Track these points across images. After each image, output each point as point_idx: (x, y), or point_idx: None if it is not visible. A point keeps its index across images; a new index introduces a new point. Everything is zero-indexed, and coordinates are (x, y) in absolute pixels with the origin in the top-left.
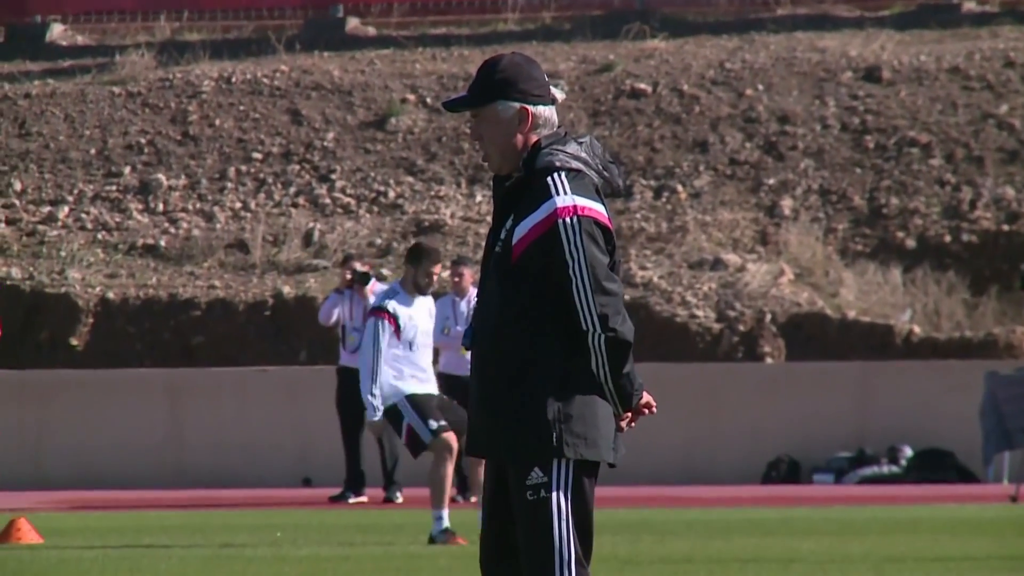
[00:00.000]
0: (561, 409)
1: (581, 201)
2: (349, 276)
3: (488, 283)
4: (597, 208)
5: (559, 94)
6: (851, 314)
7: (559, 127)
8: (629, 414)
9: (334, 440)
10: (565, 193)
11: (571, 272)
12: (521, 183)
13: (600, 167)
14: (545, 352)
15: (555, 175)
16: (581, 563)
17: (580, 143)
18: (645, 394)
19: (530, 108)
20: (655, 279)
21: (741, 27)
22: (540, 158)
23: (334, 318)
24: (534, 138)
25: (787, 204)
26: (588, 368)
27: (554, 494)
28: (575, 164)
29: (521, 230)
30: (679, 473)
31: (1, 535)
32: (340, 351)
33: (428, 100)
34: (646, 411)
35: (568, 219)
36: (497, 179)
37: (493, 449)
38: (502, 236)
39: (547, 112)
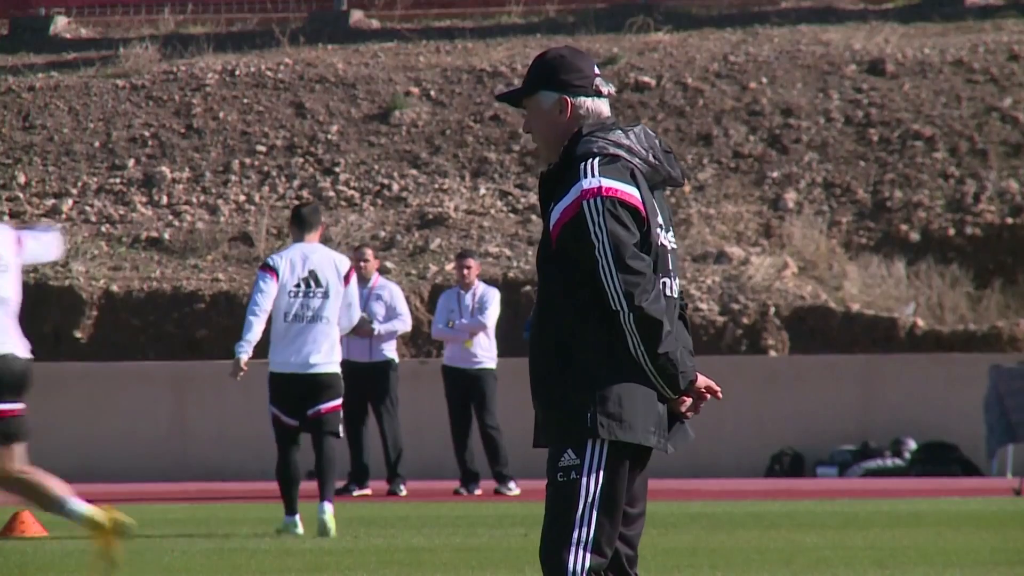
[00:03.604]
0: (598, 391)
1: (607, 182)
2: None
3: (538, 275)
4: (623, 188)
5: (608, 88)
6: (855, 307)
7: (609, 118)
8: (687, 399)
9: None
10: (593, 176)
11: (597, 252)
12: (558, 171)
13: (649, 156)
14: (585, 336)
15: (588, 160)
16: (599, 548)
17: (628, 131)
18: (702, 377)
19: (570, 99)
20: None
21: (745, 20)
22: (579, 146)
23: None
24: (576, 128)
25: (791, 197)
26: (628, 351)
27: (584, 477)
28: (613, 150)
29: (555, 215)
30: (682, 466)
31: (5, 528)
32: (344, 344)
33: (432, 93)
34: (708, 395)
35: (592, 200)
36: (544, 174)
37: (544, 437)
38: (544, 225)
39: (590, 103)
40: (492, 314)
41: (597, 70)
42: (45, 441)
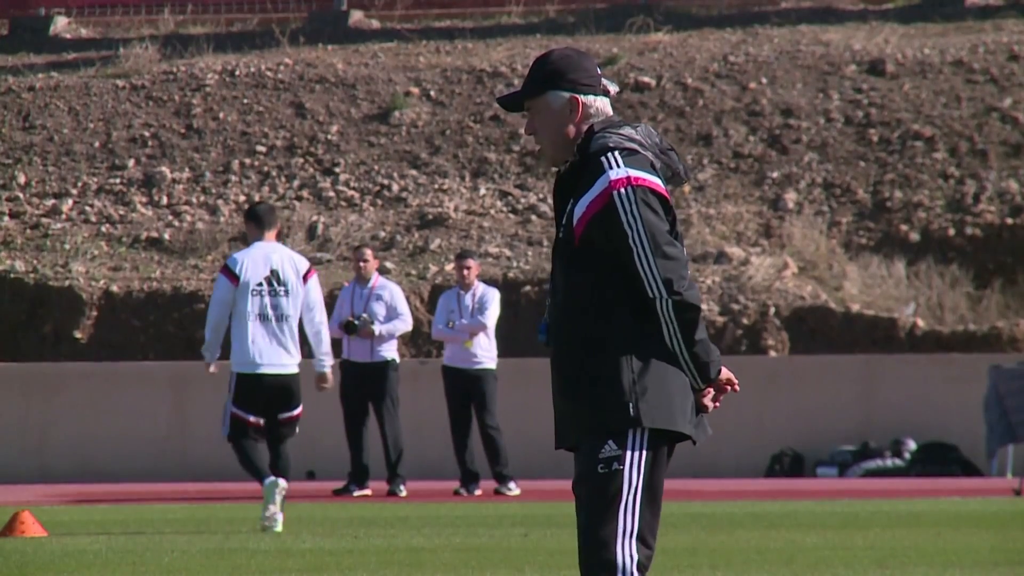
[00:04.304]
0: (636, 380)
1: (635, 172)
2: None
3: (555, 273)
4: (651, 178)
5: (612, 87)
6: (855, 307)
7: (615, 116)
8: (711, 390)
9: (338, 434)
10: (618, 167)
11: (631, 241)
12: (576, 168)
13: (657, 152)
14: (617, 327)
15: (609, 154)
16: (643, 538)
17: (635, 128)
18: (725, 370)
19: (580, 98)
20: None
21: (745, 20)
22: (594, 141)
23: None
24: (585, 127)
25: (791, 197)
26: (661, 340)
27: (627, 467)
28: (629, 144)
29: (579, 209)
30: (682, 466)
31: (5, 528)
32: (344, 345)
33: (432, 93)
34: (728, 388)
35: (623, 190)
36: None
37: (572, 433)
38: (563, 222)
39: (598, 103)
40: (492, 314)
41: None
42: (45, 441)
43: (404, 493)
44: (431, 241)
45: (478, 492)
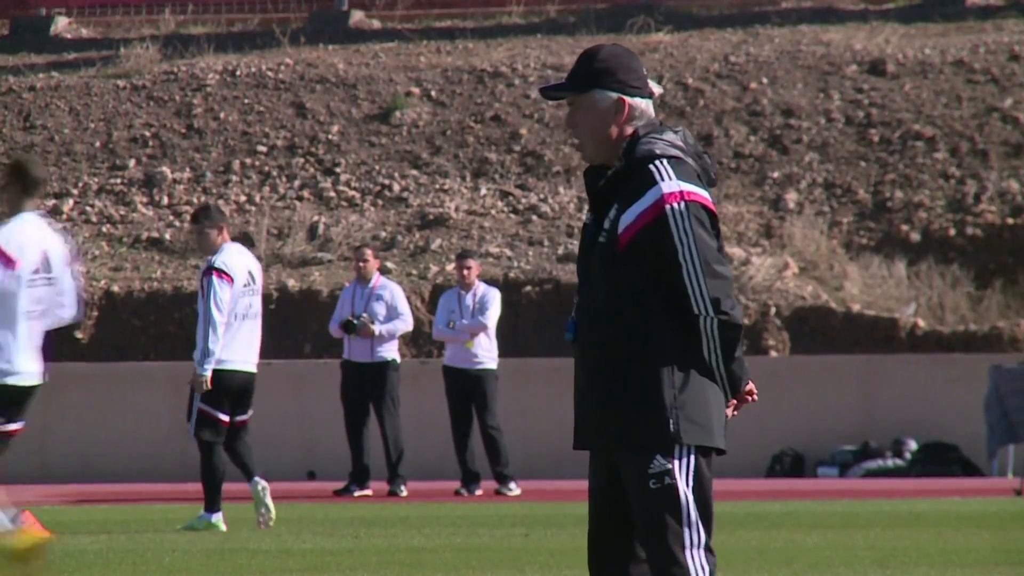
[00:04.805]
0: (677, 395)
1: (686, 186)
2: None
3: (591, 275)
4: (702, 193)
5: (656, 88)
6: (855, 307)
7: (656, 120)
8: (735, 400)
9: (338, 434)
10: (670, 179)
11: (681, 257)
12: (622, 173)
13: (695, 156)
14: (658, 339)
15: (657, 162)
16: (709, 548)
17: (676, 133)
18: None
19: (627, 99)
20: None
21: (745, 20)
22: (639, 147)
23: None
24: (629, 129)
25: (791, 197)
26: (700, 353)
27: (679, 480)
28: (674, 152)
29: (628, 218)
30: None
31: None
32: (345, 344)
33: (432, 93)
34: (749, 398)
35: (676, 204)
36: (589, 172)
37: (605, 440)
38: (606, 226)
39: (643, 104)
40: (493, 314)
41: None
42: (46, 442)
43: (405, 493)
44: (432, 241)
45: (479, 492)
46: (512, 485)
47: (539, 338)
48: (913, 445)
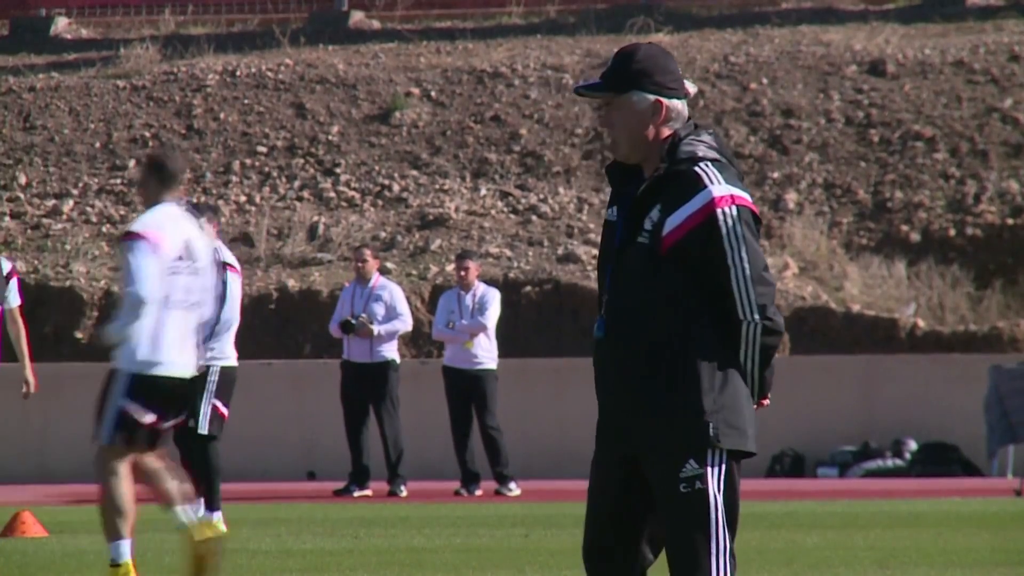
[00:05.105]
0: (716, 399)
1: (735, 190)
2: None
3: (626, 274)
4: (748, 197)
5: (692, 88)
6: (855, 308)
7: (689, 120)
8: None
9: (338, 434)
10: (719, 183)
11: (730, 261)
12: (665, 175)
13: (729, 159)
14: (699, 341)
15: (702, 165)
16: (733, 554)
17: (711, 134)
18: None
19: (665, 101)
20: None
21: (745, 21)
22: (681, 149)
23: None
24: (667, 131)
25: (791, 198)
26: (736, 357)
27: (710, 486)
28: (714, 155)
29: (675, 220)
30: None
31: (6, 528)
32: (344, 345)
33: (432, 94)
34: (763, 402)
35: (727, 208)
36: (614, 169)
37: (637, 441)
38: (647, 227)
39: (680, 106)
40: (492, 315)
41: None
42: (46, 442)
43: (404, 493)
44: (432, 241)
45: (479, 492)
46: (512, 485)
47: (539, 338)
48: (913, 445)
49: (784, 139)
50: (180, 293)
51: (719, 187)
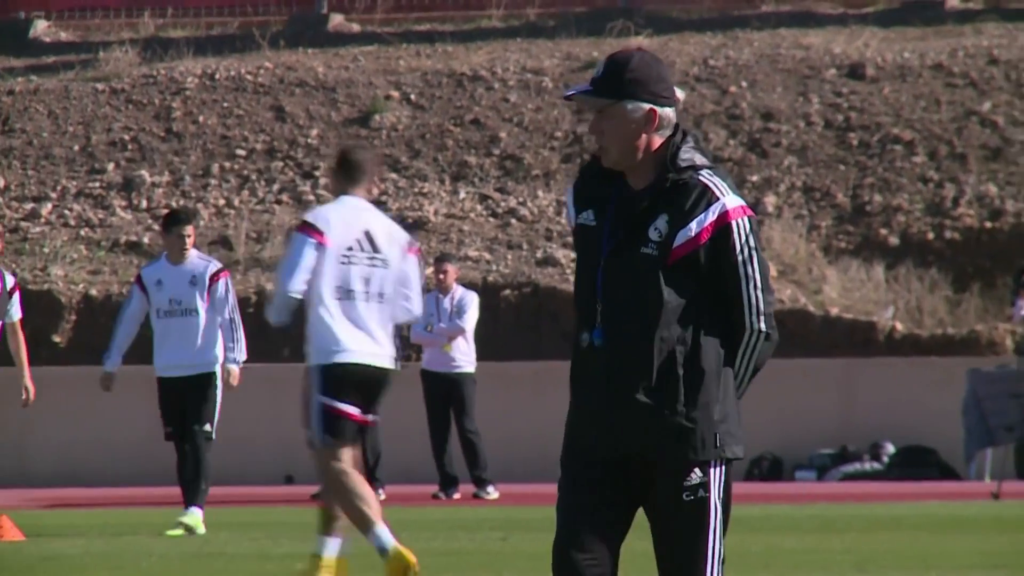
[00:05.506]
0: (722, 408)
1: (742, 202)
2: None
3: (624, 284)
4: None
5: (680, 95)
6: (834, 311)
7: (677, 125)
8: None
9: None
10: (729, 193)
11: (743, 272)
12: (664, 184)
13: (714, 162)
14: (705, 350)
15: (705, 174)
16: (724, 560)
17: (693, 137)
18: None
19: (658, 110)
20: None
21: (725, 24)
22: (680, 158)
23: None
24: (658, 139)
25: (771, 201)
26: (731, 364)
27: (712, 494)
28: (708, 162)
29: (689, 232)
30: None
31: None
32: None
33: (412, 97)
34: None
35: (742, 220)
36: (591, 172)
37: (630, 447)
38: (653, 237)
39: (672, 114)
40: (471, 318)
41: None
42: (24, 446)
43: (383, 497)
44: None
45: (457, 496)
46: (490, 489)
47: (518, 342)
48: (891, 448)
49: (763, 142)
50: (359, 284)
51: (731, 198)
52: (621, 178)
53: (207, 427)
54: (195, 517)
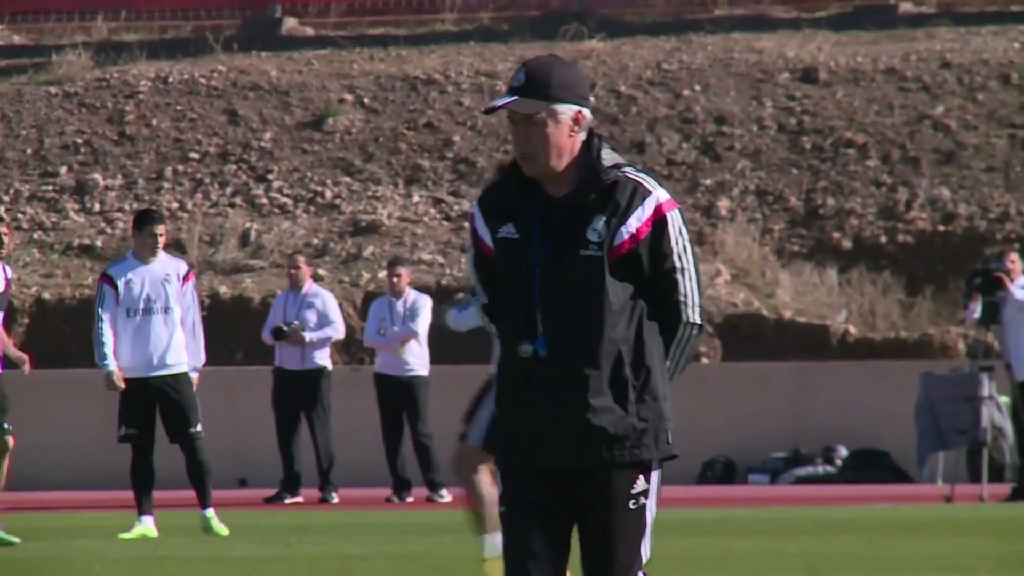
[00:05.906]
0: (669, 405)
1: (670, 195)
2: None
3: (564, 290)
4: None
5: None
6: (787, 314)
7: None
8: None
9: (270, 441)
10: (659, 188)
11: (678, 263)
12: (604, 185)
13: None
14: (649, 347)
15: (628, 170)
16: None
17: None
18: None
19: (584, 112)
20: None
21: (678, 28)
22: (604, 157)
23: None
24: (578, 141)
25: (724, 204)
26: (666, 359)
27: (649, 501)
28: (624, 159)
29: (629, 227)
30: None
31: None
32: (276, 352)
33: (365, 100)
34: None
35: (674, 212)
36: (500, 191)
37: (587, 458)
38: (592, 238)
39: (590, 115)
40: (423, 321)
41: None
42: None
43: (336, 500)
44: (364, 248)
45: (410, 499)
46: (443, 492)
47: (471, 345)
48: (844, 452)
49: (716, 146)
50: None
51: (661, 192)
52: (536, 188)
53: (199, 427)
54: (214, 519)
